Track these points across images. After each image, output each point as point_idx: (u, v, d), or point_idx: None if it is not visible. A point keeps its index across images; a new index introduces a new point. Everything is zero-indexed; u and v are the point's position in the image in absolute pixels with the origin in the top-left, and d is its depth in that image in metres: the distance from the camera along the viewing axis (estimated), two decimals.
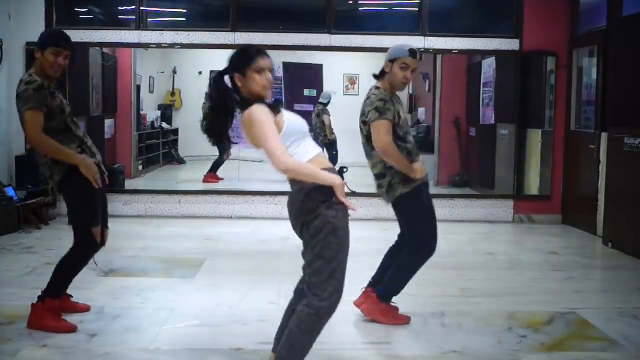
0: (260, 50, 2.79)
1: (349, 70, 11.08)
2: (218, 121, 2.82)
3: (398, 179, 3.75)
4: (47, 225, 6.75)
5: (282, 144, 2.63)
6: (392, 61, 3.77)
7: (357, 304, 3.99)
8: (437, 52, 7.72)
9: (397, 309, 3.95)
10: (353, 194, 3.01)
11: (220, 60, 2.98)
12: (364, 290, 4.02)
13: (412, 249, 3.84)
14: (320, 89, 10.45)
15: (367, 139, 3.80)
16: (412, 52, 3.75)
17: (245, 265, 5.32)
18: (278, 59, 9.35)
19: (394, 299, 3.94)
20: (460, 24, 8.23)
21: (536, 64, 7.73)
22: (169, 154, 11.31)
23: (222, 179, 9.00)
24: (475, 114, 8.95)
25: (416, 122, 10.10)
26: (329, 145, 9.37)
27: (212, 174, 9.09)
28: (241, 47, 2.85)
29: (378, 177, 3.85)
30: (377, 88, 3.82)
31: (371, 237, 5.82)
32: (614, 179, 6.29)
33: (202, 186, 8.77)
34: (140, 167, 9.93)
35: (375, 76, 3.90)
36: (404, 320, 3.92)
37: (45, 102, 3.53)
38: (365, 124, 3.78)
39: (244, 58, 2.77)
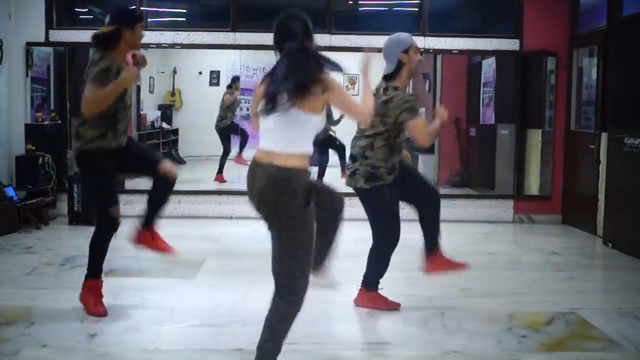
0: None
1: (349, 70, 11.05)
2: None
3: (362, 172, 3.88)
4: (47, 225, 6.74)
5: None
6: (406, 51, 3.83)
7: (356, 302, 4.15)
8: (437, 52, 7.70)
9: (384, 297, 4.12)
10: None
11: (220, 60, 2.96)
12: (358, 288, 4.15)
13: (376, 241, 4.05)
14: None
15: (370, 127, 3.81)
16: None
17: (245, 265, 5.30)
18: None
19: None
20: (460, 24, 8.22)
21: (536, 64, 7.73)
22: (169, 154, 11.29)
23: (226, 180, 9.02)
24: (475, 114, 8.95)
25: None
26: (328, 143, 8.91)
27: (219, 175, 9.14)
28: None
29: (351, 156, 3.98)
30: (395, 88, 3.83)
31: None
32: (614, 179, 6.28)
33: (202, 186, 8.76)
34: None
35: (386, 77, 3.89)
36: (394, 306, 4.10)
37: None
38: (383, 121, 3.79)
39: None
